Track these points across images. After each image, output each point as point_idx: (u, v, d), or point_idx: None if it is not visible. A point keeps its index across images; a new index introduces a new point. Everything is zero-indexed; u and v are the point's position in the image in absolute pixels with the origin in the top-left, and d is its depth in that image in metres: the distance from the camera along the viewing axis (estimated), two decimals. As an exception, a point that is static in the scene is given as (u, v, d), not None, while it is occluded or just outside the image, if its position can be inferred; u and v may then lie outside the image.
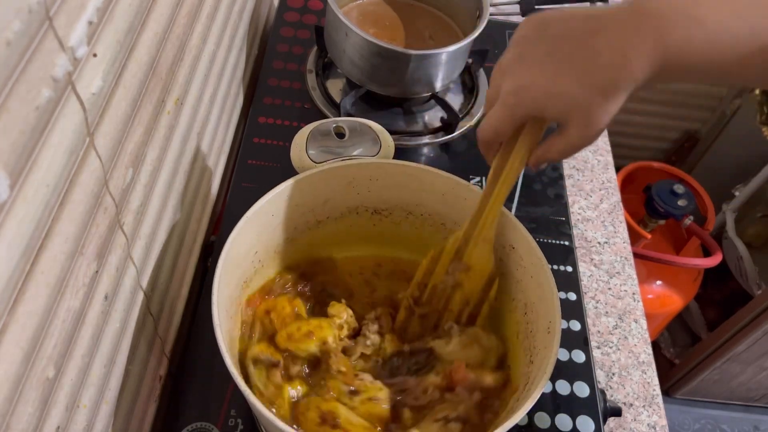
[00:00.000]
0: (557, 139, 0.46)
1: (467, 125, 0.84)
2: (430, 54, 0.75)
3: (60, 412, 0.39)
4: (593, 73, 0.42)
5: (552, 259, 0.72)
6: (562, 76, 0.42)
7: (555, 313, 0.50)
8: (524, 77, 0.44)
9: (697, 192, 1.45)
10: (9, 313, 0.31)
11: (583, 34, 0.42)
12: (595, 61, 0.41)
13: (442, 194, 0.60)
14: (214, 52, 0.65)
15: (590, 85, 0.42)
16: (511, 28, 0.99)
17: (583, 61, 0.42)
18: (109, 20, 0.37)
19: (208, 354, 0.61)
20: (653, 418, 0.72)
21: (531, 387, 0.47)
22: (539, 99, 0.44)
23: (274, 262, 0.61)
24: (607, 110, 0.43)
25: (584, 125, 0.43)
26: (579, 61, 0.42)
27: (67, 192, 0.35)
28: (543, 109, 0.44)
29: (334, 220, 0.63)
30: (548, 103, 0.43)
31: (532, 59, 0.44)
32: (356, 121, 0.61)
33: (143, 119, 0.46)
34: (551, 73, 0.43)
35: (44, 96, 0.31)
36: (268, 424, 0.44)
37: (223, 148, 0.78)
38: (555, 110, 0.43)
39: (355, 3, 0.86)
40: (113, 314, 0.46)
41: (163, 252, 0.57)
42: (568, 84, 0.42)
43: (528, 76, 0.44)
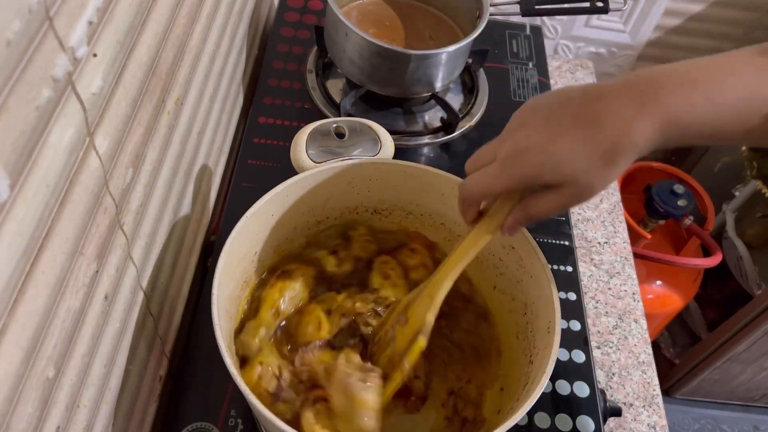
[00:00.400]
0: (547, 197, 0.45)
1: (467, 125, 0.84)
2: (430, 54, 0.75)
3: (60, 412, 0.39)
4: (594, 138, 0.41)
5: (552, 259, 0.72)
6: (563, 138, 0.42)
7: (555, 313, 0.50)
8: (523, 140, 0.44)
9: (697, 192, 1.45)
10: (9, 313, 0.31)
11: (583, 100, 0.42)
12: (596, 125, 0.41)
13: (441, 194, 0.60)
14: (214, 52, 0.65)
15: (591, 151, 0.41)
16: (511, 28, 0.99)
17: (584, 124, 0.42)
18: (109, 20, 0.37)
19: (208, 354, 0.61)
20: (653, 418, 0.72)
21: (531, 387, 0.47)
22: (538, 161, 0.43)
23: (273, 262, 0.61)
24: (605, 177, 0.42)
25: (579, 190, 0.43)
26: (580, 125, 0.42)
27: (67, 192, 0.35)
28: (540, 172, 0.43)
29: (334, 220, 0.63)
30: (546, 167, 0.43)
31: (532, 125, 0.44)
32: (356, 121, 0.61)
33: (143, 119, 0.46)
34: (552, 135, 0.42)
35: (44, 96, 0.31)
36: (268, 424, 0.44)
37: (223, 148, 0.78)
38: (553, 174, 0.43)
39: (355, 3, 0.86)
40: (113, 314, 0.46)
41: (163, 252, 0.57)
42: (569, 147, 0.42)
43: (527, 140, 0.44)
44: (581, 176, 0.42)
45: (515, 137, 0.45)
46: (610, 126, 0.41)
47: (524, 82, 0.92)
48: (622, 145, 0.41)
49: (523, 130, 0.45)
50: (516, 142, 0.44)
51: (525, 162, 0.44)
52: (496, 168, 0.46)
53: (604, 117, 0.41)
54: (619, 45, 1.29)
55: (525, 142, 0.44)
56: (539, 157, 0.43)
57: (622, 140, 0.41)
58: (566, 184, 0.43)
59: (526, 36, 0.99)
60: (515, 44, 0.97)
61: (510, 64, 0.94)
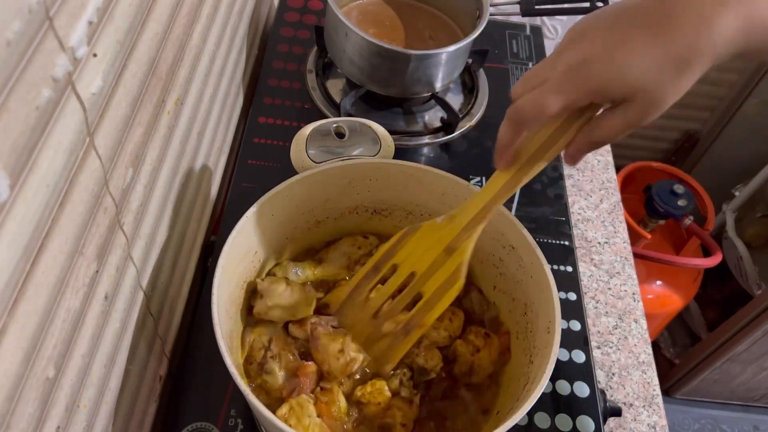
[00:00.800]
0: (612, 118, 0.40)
1: (467, 125, 0.84)
2: (430, 54, 0.75)
3: (60, 412, 0.39)
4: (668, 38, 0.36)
5: (552, 259, 0.72)
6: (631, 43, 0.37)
7: (555, 313, 0.50)
8: (586, 49, 0.39)
9: (697, 192, 1.45)
10: (9, 313, 0.31)
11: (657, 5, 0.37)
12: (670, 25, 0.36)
13: (441, 194, 0.60)
14: (214, 52, 0.65)
15: (664, 56, 0.36)
16: (511, 28, 0.99)
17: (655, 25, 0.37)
18: (109, 20, 0.37)
19: (208, 354, 0.61)
20: (653, 418, 0.72)
21: (531, 387, 0.47)
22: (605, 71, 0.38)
23: (273, 262, 0.61)
24: (677, 87, 0.37)
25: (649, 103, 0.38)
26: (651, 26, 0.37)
27: (67, 192, 0.35)
28: (608, 84, 0.38)
29: (334, 220, 0.63)
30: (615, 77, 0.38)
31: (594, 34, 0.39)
32: (356, 121, 0.61)
33: (143, 119, 0.46)
34: (618, 41, 0.37)
35: (44, 96, 0.31)
36: (268, 424, 0.44)
37: (223, 148, 0.78)
38: (622, 85, 0.38)
39: (355, 3, 0.86)
40: (113, 314, 0.46)
41: (163, 252, 0.57)
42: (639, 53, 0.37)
43: (590, 48, 0.38)
44: (653, 87, 0.37)
45: (577, 47, 0.39)
46: (685, 25, 0.36)
47: (524, 82, 0.92)
48: (700, 48, 0.36)
49: (584, 39, 0.39)
50: (578, 52, 0.39)
51: (590, 73, 0.38)
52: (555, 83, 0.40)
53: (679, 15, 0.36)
54: (619, 45, 1.29)
55: (588, 51, 0.39)
56: (607, 67, 0.38)
57: (699, 41, 0.36)
58: (636, 97, 0.38)
59: (526, 36, 0.99)
60: (515, 44, 0.97)
61: (510, 64, 0.94)
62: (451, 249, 0.51)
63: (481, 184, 0.79)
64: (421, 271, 0.53)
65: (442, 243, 0.52)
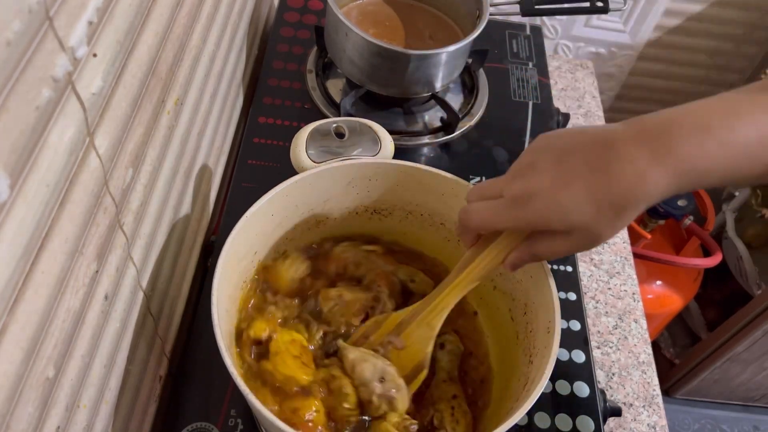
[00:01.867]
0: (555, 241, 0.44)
1: (467, 125, 0.84)
2: (430, 54, 0.75)
3: (60, 412, 0.39)
4: (605, 188, 0.41)
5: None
6: (572, 185, 0.41)
7: (554, 313, 0.50)
8: (534, 184, 0.43)
9: (697, 192, 1.45)
10: (9, 313, 0.31)
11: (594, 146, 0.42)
12: (607, 175, 0.40)
13: (441, 194, 0.60)
14: (214, 53, 0.65)
15: (601, 201, 0.41)
16: (511, 28, 0.99)
17: (594, 172, 0.41)
18: (109, 20, 0.37)
19: (208, 354, 0.61)
20: (653, 418, 0.72)
21: (531, 387, 0.47)
22: (546, 208, 0.42)
23: (273, 262, 0.61)
24: (614, 227, 0.42)
25: (588, 239, 0.43)
26: (590, 173, 0.41)
27: (67, 192, 0.35)
28: (548, 219, 0.43)
29: (334, 219, 0.63)
30: (555, 214, 0.42)
31: (542, 168, 0.43)
32: (356, 121, 0.61)
33: (143, 119, 0.46)
34: (561, 182, 0.42)
35: (44, 96, 0.31)
36: (268, 424, 0.44)
37: (223, 148, 0.78)
38: (561, 222, 0.42)
39: (355, 3, 0.86)
40: (113, 314, 0.46)
41: (163, 252, 0.57)
42: (578, 196, 0.41)
43: (537, 183, 0.43)
44: (590, 226, 0.42)
45: (525, 178, 0.44)
46: (621, 177, 0.40)
47: (524, 82, 0.92)
48: (634, 197, 0.40)
49: (533, 171, 0.44)
50: (525, 183, 0.44)
51: (533, 207, 0.43)
52: (502, 205, 0.45)
53: (615, 166, 0.40)
54: (619, 45, 1.29)
55: (534, 185, 0.43)
56: (548, 204, 0.42)
57: (634, 192, 0.40)
58: (575, 232, 0.43)
59: (526, 36, 0.99)
60: (515, 44, 0.97)
61: (510, 64, 0.94)
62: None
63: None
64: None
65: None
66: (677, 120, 0.41)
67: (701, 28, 1.26)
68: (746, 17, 1.24)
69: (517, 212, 0.44)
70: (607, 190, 0.41)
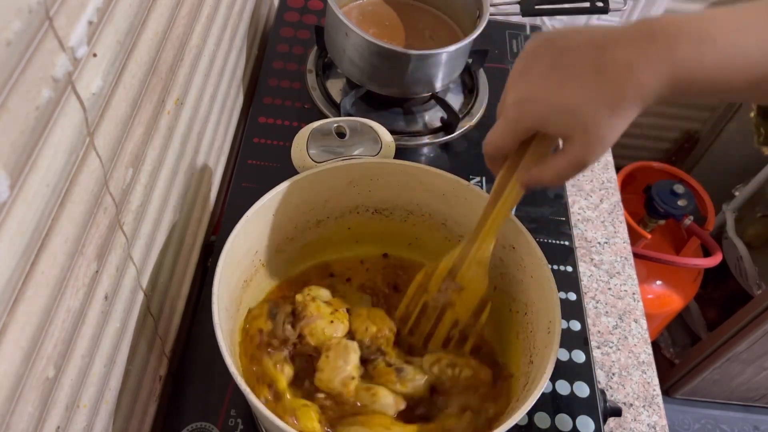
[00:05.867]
0: (557, 158, 0.44)
1: (467, 125, 0.84)
2: (430, 54, 0.75)
3: (60, 412, 0.39)
4: (599, 84, 0.40)
5: (552, 259, 0.72)
6: (566, 87, 0.41)
7: (555, 313, 0.50)
8: (527, 90, 0.43)
9: (697, 192, 1.45)
10: (9, 313, 0.31)
11: (589, 48, 0.41)
12: (600, 73, 0.40)
13: (442, 194, 0.60)
14: (214, 52, 0.65)
15: (595, 97, 0.40)
16: (511, 28, 0.99)
17: (588, 72, 0.40)
18: (109, 20, 0.37)
19: (208, 354, 0.61)
20: (653, 418, 0.72)
21: (531, 387, 0.47)
22: (541, 112, 0.42)
23: (274, 262, 0.61)
24: (612, 125, 0.41)
25: (588, 141, 0.41)
26: (584, 73, 0.41)
27: (67, 192, 0.35)
28: (545, 123, 0.42)
29: (335, 219, 0.63)
30: (551, 116, 0.42)
31: (537, 72, 0.43)
32: (357, 120, 0.61)
33: (143, 119, 0.46)
34: (555, 85, 0.41)
35: (44, 96, 0.31)
36: (268, 423, 0.44)
37: (223, 148, 0.78)
38: (558, 124, 0.42)
39: (355, 3, 0.86)
40: (113, 314, 0.46)
41: (163, 252, 0.57)
42: (572, 96, 0.41)
43: (531, 89, 0.43)
44: (589, 125, 0.41)
45: (519, 85, 0.44)
46: (615, 73, 0.40)
47: (524, 82, 0.92)
48: (627, 94, 0.40)
49: (527, 76, 0.43)
50: (519, 91, 0.43)
51: (528, 113, 0.43)
52: (503, 123, 0.44)
53: (609, 64, 0.40)
54: (619, 45, 1.29)
55: (527, 92, 0.43)
56: (543, 108, 0.42)
57: (627, 86, 0.39)
58: (575, 135, 0.42)
59: (526, 36, 0.99)
60: (515, 44, 0.97)
61: (510, 64, 0.94)
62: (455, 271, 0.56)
63: (481, 184, 0.79)
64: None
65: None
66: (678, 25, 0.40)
67: (701, 28, 1.25)
68: (746, 17, 1.24)
69: (514, 123, 0.44)
70: (600, 86, 0.40)
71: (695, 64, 0.39)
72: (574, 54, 0.42)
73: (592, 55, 0.41)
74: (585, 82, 0.40)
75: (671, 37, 0.39)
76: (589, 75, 0.40)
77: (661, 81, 0.39)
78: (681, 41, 0.39)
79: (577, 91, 0.41)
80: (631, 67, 0.39)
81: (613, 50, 0.40)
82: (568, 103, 0.41)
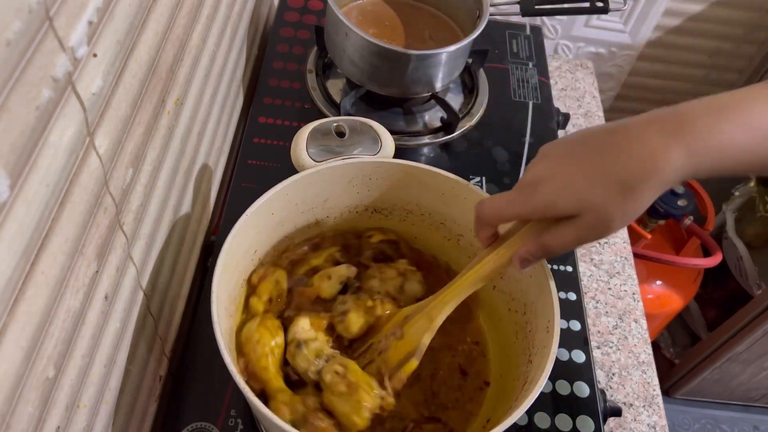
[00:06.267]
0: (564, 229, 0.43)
1: (467, 125, 0.84)
2: (430, 54, 0.75)
3: (60, 412, 0.39)
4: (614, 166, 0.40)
5: (552, 259, 0.72)
6: (581, 167, 0.42)
7: (554, 312, 0.50)
8: (542, 171, 0.44)
9: (697, 192, 1.45)
10: (9, 313, 0.31)
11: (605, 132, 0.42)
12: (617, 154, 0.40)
13: (441, 194, 0.60)
14: (214, 52, 0.65)
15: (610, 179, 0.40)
16: (511, 28, 0.99)
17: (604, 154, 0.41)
18: (109, 20, 0.37)
19: (208, 354, 0.61)
20: (653, 418, 0.72)
21: (530, 386, 0.47)
22: (553, 190, 0.43)
23: (273, 261, 0.61)
24: (623, 209, 0.40)
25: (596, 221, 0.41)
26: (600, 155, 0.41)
27: (67, 192, 0.35)
28: (555, 201, 0.43)
29: (334, 219, 0.63)
30: (562, 195, 0.42)
31: (556, 154, 0.44)
32: (357, 120, 0.61)
33: (143, 119, 0.46)
34: (570, 166, 0.42)
35: (44, 96, 0.31)
36: (268, 423, 0.44)
37: (223, 148, 0.78)
38: (567, 202, 0.42)
39: (355, 3, 0.86)
40: (113, 314, 0.46)
41: (163, 252, 0.57)
42: (585, 176, 0.41)
43: (545, 170, 0.44)
44: (599, 206, 0.41)
45: (535, 168, 0.45)
46: (632, 154, 0.40)
47: (524, 82, 0.92)
48: (645, 174, 0.39)
49: (544, 161, 0.45)
50: (535, 171, 0.45)
51: (541, 190, 0.43)
52: (512, 193, 0.46)
53: (626, 145, 0.40)
54: (619, 45, 1.29)
55: (543, 172, 0.44)
56: (555, 186, 0.43)
57: (644, 169, 0.39)
58: (584, 214, 0.42)
59: (526, 36, 0.99)
60: (515, 44, 0.97)
61: (510, 64, 0.94)
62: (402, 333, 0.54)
63: (481, 184, 0.79)
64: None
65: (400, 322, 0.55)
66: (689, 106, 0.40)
67: (701, 28, 1.26)
68: (746, 17, 1.24)
69: (525, 197, 0.44)
70: (617, 168, 0.40)
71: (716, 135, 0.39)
72: (592, 139, 0.42)
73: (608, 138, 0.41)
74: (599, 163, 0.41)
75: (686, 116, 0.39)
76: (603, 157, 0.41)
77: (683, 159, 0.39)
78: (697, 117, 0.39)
79: (589, 172, 0.41)
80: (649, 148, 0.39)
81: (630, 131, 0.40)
82: (579, 183, 0.41)
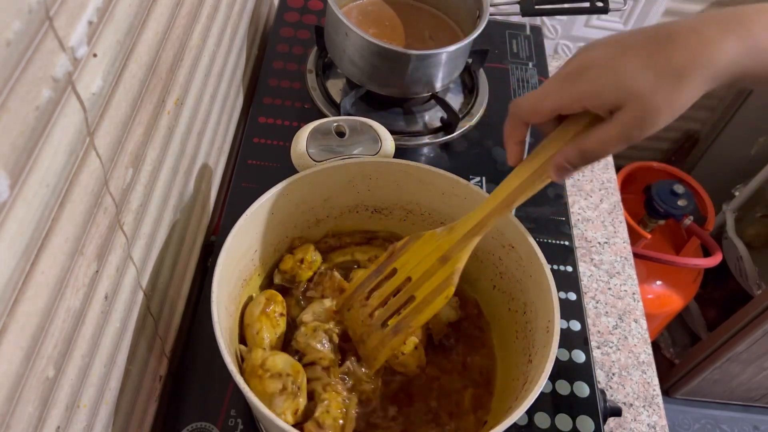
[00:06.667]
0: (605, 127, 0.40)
1: (467, 125, 0.84)
2: (430, 54, 0.75)
3: (60, 412, 0.39)
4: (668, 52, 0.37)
5: (552, 259, 0.72)
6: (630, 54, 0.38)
7: (554, 312, 0.50)
8: (585, 59, 0.40)
9: (697, 192, 1.45)
10: (9, 313, 0.31)
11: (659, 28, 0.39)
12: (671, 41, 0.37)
13: (441, 193, 0.60)
14: (214, 52, 0.65)
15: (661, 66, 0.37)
16: (511, 28, 0.99)
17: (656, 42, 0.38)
18: (110, 20, 0.37)
19: (208, 354, 0.61)
20: (653, 418, 0.72)
21: (530, 386, 0.47)
22: (598, 76, 0.39)
23: (273, 261, 0.61)
24: (672, 99, 0.37)
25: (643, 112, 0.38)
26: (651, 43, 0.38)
27: (67, 192, 0.35)
28: (600, 88, 0.39)
29: (334, 218, 0.63)
30: (608, 82, 0.38)
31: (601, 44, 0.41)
32: (357, 120, 0.61)
33: (143, 119, 0.46)
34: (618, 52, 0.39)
35: (44, 96, 0.31)
36: (268, 423, 0.44)
37: (223, 148, 0.78)
38: (613, 90, 0.38)
39: (355, 3, 0.86)
40: (113, 314, 0.46)
41: (163, 252, 0.57)
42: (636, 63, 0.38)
43: (589, 58, 0.40)
44: (646, 95, 0.37)
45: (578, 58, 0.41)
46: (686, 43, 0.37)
47: (524, 82, 0.92)
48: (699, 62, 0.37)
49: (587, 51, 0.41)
50: (578, 61, 0.41)
51: (584, 77, 0.39)
52: (551, 83, 0.41)
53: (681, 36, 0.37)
54: (619, 45, 1.29)
55: (587, 59, 0.40)
56: (600, 72, 0.39)
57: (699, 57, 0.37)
58: (628, 104, 0.38)
59: (526, 36, 0.99)
60: (515, 44, 0.97)
61: (510, 64, 0.94)
62: (446, 258, 0.52)
63: (481, 184, 0.79)
64: (416, 276, 0.53)
65: (439, 252, 0.52)
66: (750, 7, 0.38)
67: (701, 28, 1.26)
68: (746, 17, 1.24)
69: (567, 85, 0.41)
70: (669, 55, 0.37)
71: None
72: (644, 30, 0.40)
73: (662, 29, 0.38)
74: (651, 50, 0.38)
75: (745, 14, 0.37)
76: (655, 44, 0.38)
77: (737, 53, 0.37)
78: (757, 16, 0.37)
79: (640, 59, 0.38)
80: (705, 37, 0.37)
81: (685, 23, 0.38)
82: (629, 69, 0.38)
